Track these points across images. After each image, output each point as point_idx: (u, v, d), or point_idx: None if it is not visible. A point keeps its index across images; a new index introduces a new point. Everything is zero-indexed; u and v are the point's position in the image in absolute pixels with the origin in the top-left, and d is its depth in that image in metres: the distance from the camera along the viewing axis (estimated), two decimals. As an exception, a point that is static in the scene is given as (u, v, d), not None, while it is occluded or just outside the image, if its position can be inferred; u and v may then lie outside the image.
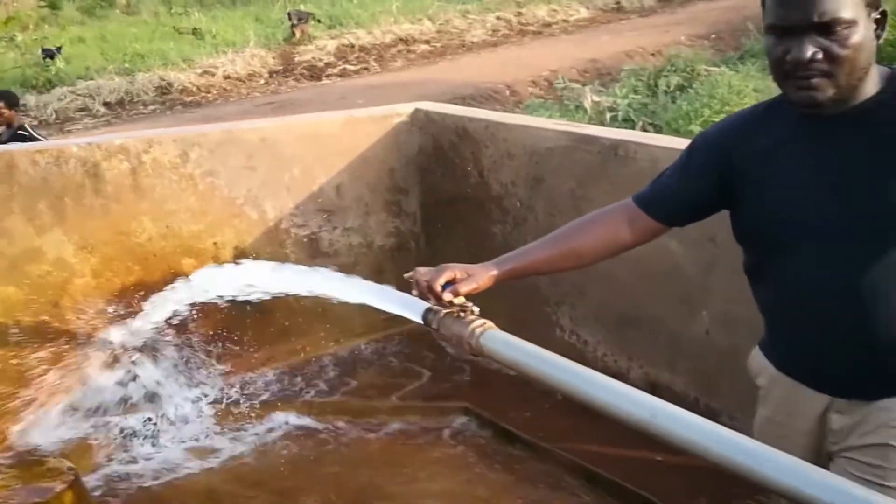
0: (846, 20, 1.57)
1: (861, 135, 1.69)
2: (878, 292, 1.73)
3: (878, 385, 1.80)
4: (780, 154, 1.79)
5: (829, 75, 1.61)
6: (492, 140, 3.87)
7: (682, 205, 1.98)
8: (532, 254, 2.07)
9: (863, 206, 1.70)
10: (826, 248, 1.76)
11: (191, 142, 3.74)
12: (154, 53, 14.10)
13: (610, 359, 3.62)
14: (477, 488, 3.11)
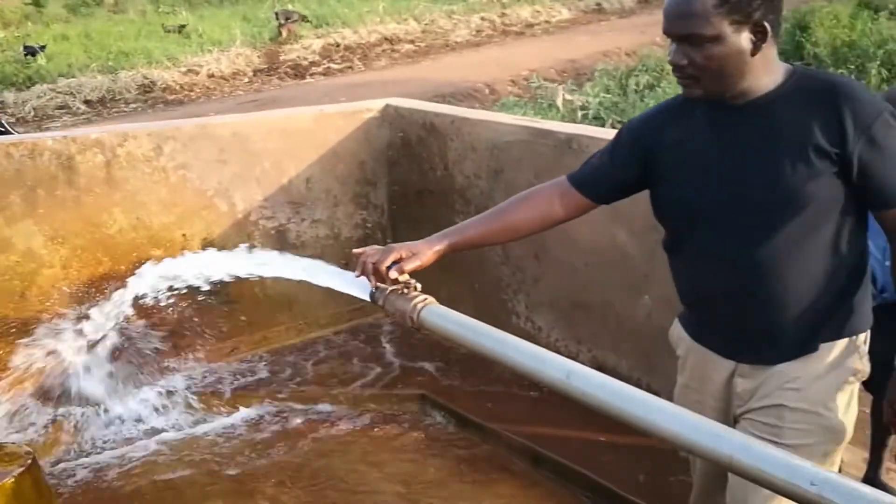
0: (707, 36, 1.78)
1: (758, 125, 1.86)
2: (771, 266, 1.89)
3: (775, 351, 1.96)
4: (690, 141, 1.96)
5: (695, 78, 1.85)
6: (457, 134, 3.97)
7: (608, 185, 2.14)
8: (471, 228, 2.19)
9: (756, 189, 1.87)
10: (725, 226, 1.92)
11: (165, 136, 3.80)
12: (139, 52, 14.04)
13: (561, 343, 3.74)
14: (429, 471, 3.22)
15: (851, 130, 1.80)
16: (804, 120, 1.83)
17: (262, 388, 3.80)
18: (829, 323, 1.93)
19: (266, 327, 4.15)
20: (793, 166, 1.83)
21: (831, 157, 1.82)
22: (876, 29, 9.29)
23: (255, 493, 3.11)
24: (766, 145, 1.87)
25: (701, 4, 1.78)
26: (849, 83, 1.90)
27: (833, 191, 1.85)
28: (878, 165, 1.82)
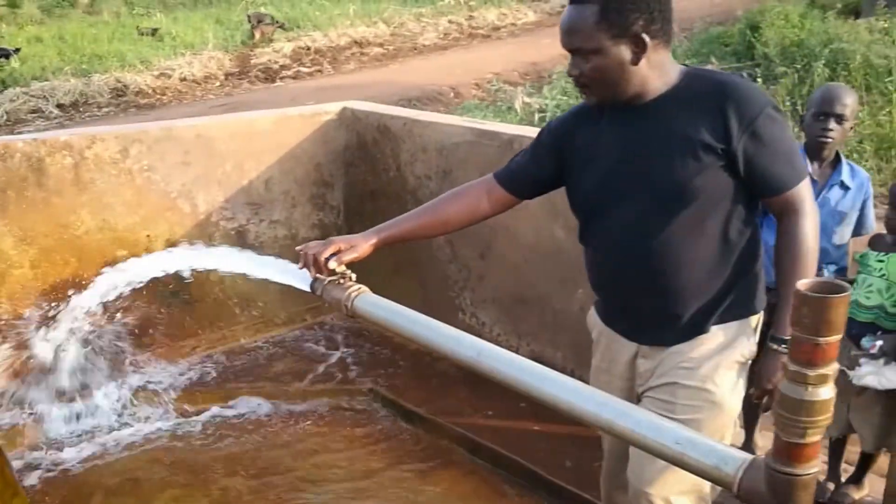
0: (588, 49, 1.97)
1: (652, 124, 2.03)
2: (664, 253, 2.05)
3: (671, 333, 2.12)
4: (597, 140, 2.12)
5: (587, 87, 2.05)
6: (409, 136, 4.15)
7: (529, 182, 2.31)
8: (405, 223, 2.34)
9: (650, 182, 2.02)
10: (624, 217, 2.08)
11: (132, 138, 3.92)
12: (112, 55, 14.01)
13: (503, 338, 3.92)
14: (375, 461, 3.42)
15: (735, 127, 1.94)
16: (693, 118, 1.98)
17: (219, 385, 3.96)
18: (720, 307, 2.07)
19: (225, 326, 4.31)
20: (683, 161, 1.98)
21: (718, 152, 1.96)
22: (823, 28, 9.53)
23: (209, 482, 3.28)
24: (659, 142, 2.01)
25: (583, 22, 1.95)
26: (734, 82, 2.04)
27: (722, 183, 1.99)
28: (762, 157, 1.97)
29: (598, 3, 1.94)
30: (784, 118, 2.04)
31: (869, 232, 2.96)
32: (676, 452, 1.49)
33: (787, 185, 2.00)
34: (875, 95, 7.82)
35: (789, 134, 2.04)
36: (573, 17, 1.99)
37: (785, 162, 1.99)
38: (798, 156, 2.05)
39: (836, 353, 1.31)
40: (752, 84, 2.11)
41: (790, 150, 2.02)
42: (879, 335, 2.72)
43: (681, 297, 2.07)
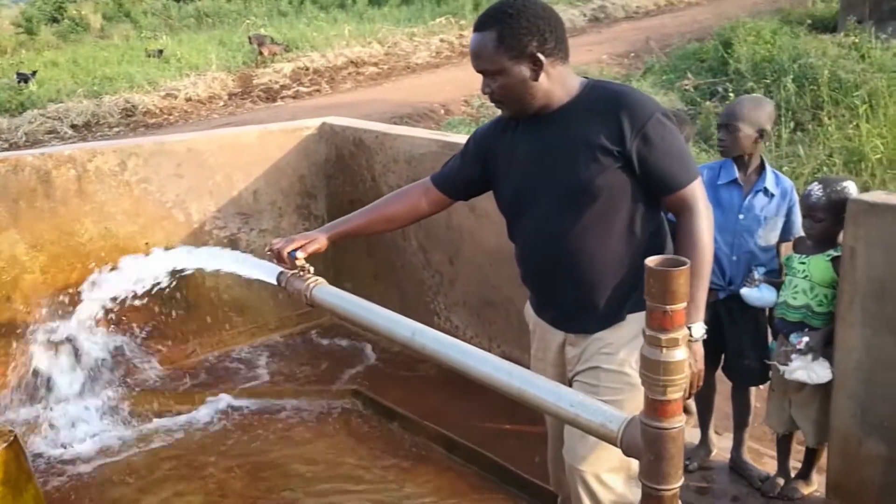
0: (493, 71, 2.19)
1: (557, 130, 2.23)
2: (575, 248, 2.24)
3: (592, 321, 2.31)
4: (515, 147, 2.33)
5: (499, 102, 2.28)
6: (381, 148, 4.38)
7: (459, 184, 2.55)
8: (355, 220, 2.59)
9: (557, 184, 2.23)
10: (537, 216, 2.29)
11: (128, 152, 4.15)
12: (121, 76, 14.27)
13: (475, 340, 4.09)
14: (357, 458, 3.62)
15: (628, 131, 2.13)
16: (593, 125, 2.17)
17: (216, 386, 4.17)
18: (633, 296, 2.23)
19: (221, 331, 4.52)
20: (585, 163, 2.17)
21: (615, 154, 2.15)
22: (792, 44, 9.66)
23: (206, 477, 3.48)
24: (563, 147, 2.21)
25: (485, 47, 2.17)
26: (628, 92, 2.23)
27: (622, 182, 2.18)
28: (653, 158, 2.15)
29: (496, 30, 2.15)
30: (674, 124, 2.22)
31: (796, 235, 3.06)
32: (572, 413, 1.70)
33: (679, 184, 2.18)
34: (842, 109, 7.95)
35: (680, 138, 2.22)
36: (477, 43, 2.21)
37: (676, 163, 2.18)
38: (690, 158, 2.23)
39: (682, 320, 1.51)
40: (644, 94, 2.28)
41: (680, 152, 2.20)
42: (806, 332, 2.87)
43: (595, 289, 2.26)
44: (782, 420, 3.06)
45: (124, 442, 3.76)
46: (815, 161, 7.22)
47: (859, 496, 2.85)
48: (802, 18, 12.88)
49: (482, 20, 2.21)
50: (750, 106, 3.03)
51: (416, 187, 2.62)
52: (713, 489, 3.14)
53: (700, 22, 16.10)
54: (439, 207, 2.63)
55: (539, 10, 2.19)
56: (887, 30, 10.52)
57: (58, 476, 3.52)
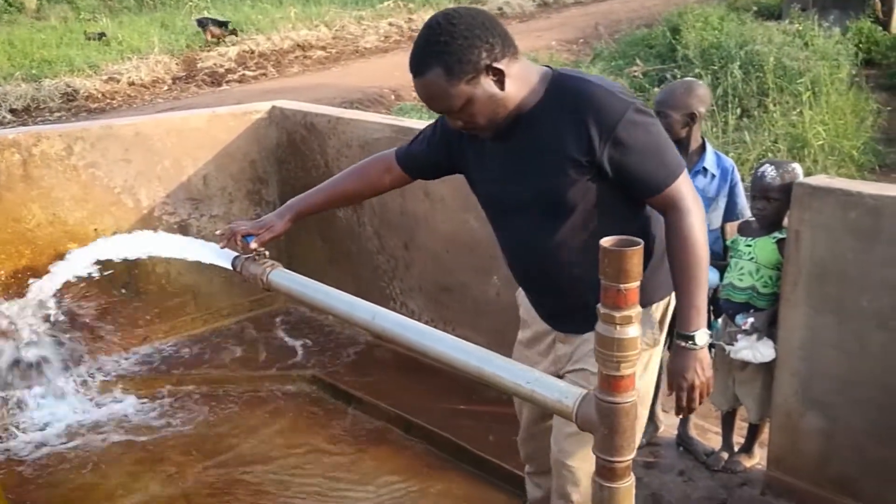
0: (458, 106, 1.99)
1: (525, 139, 2.07)
2: (554, 258, 2.14)
3: (580, 324, 2.17)
4: (482, 156, 2.20)
5: (476, 128, 2.08)
6: (334, 133, 4.37)
7: (424, 165, 2.43)
8: (312, 197, 2.52)
9: (529, 197, 2.10)
10: (515, 228, 2.20)
11: (74, 136, 4.09)
12: (61, 59, 13.98)
13: (431, 325, 3.85)
14: (317, 441, 3.65)
15: (597, 138, 1.95)
16: (558, 132, 2.00)
17: (170, 372, 4.16)
18: None
19: (174, 317, 4.50)
20: (556, 177, 2.02)
21: (585, 164, 1.99)
22: (739, 31, 9.77)
23: (164, 461, 3.50)
24: (532, 160, 2.06)
25: (438, 88, 1.96)
26: (590, 90, 2.01)
27: (597, 191, 2.03)
28: (630, 163, 1.97)
29: (439, 66, 1.94)
30: (651, 118, 2.03)
31: (742, 216, 3.18)
32: (528, 390, 1.74)
33: (663, 185, 2.01)
34: (787, 96, 8.11)
35: (656, 133, 2.03)
36: (426, 88, 2.00)
37: (656, 163, 2.00)
38: (671, 153, 2.04)
39: (636, 298, 1.55)
40: (611, 90, 2.04)
41: (659, 149, 2.01)
42: (752, 313, 2.96)
43: (579, 294, 2.08)
44: (726, 397, 3.17)
45: (77, 429, 3.75)
46: (760, 147, 7.38)
47: (799, 468, 2.96)
48: (748, 5, 13.08)
49: (418, 63, 1.99)
50: (680, 91, 3.09)
51: (377, 163, 2.52)
52: (661, 464, 3.24)
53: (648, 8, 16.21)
54: (401, 184, 2.55)
55: (467, 21, 1.96)
56: (829, 18, 10.76)
57: (11, 464, 3.50)
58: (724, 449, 3.25)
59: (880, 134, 8.47)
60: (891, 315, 2.63)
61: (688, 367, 2.04)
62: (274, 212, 2.53)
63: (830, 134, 7.56)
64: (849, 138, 7.68)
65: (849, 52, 9.47)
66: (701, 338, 2.03)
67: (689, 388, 2.05)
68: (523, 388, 1.76)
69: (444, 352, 1.92)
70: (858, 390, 2.75)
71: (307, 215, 2.56)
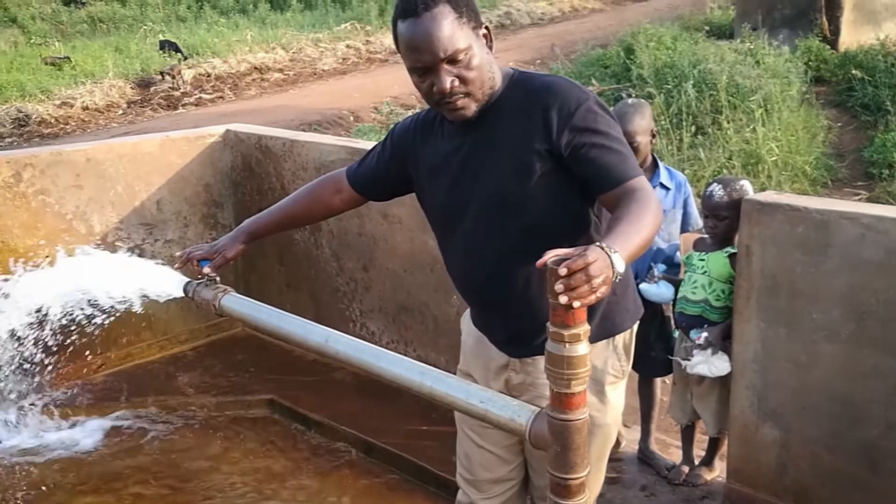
0: (463, 48, 1.86)
1: (485, 134, 1.99)
2: (508, 265, 2.02)
3: (534, 347, 1.98)
4: (437, 154, 2.10)
5: (468, 95, 1.92)
6: (289, 155, 4.36)
7: (376, 184, 2.33)
8: (263, 219, 2.47)
9: (485, 196, 2.00)
10: (467, 229, 2.06)
11: (23, 163, 4.03)
12: (12, 84, 13.72)
13: (392, 346, 4.11)
14: (277, 465, 3.62)
15: (555, 125, 1.87)
16: (520, 125, 1.93)
17: (127, 399, 4.09)
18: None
19: (130, 344, 4.43)
20: (513, 173, 1.94)
21: (545, 156, 1.90)
22: (692, 50, 9.89)
23: (120, 490, 3.44)
24: (492, 156, 1.97)
25: (446, 24, 1.84)
26: (554, 83, 1.96)
27: (556, 187, 1.93)
28: (589, 150, 1.86)
29: (447, 2, 1.86)
30: (611, 116, 1.96)
31: (695, 227, 3.24)
32: (482, 409, 1.73)
33: (624, 178, 1.86)
34: (740, 114, 8.23)
35: (617, 131, 1.94)
36: (427, 28, 1.86)
37: (617, 157, 1.88)
38: (631, 154, 1.94)
39: (584, 316, 1.55)
40: (573, 83, 2.00)
41: (620, 142, 1.91)
42: (706, 328, 2.99)
43: (533, 314, 1.96)
44: (685, 411, 3.21)
45: (32, 457, 3.68)
46: (715, 164, 7.48)
47: (757, 478, 3.00)
48: (700, 25, 13.24)
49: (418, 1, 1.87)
50: (637, 118, 3.09)
51: (327, 184, 2.43)
52: (623, 479, 3.25)
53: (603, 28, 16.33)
54: (354, 205, 2.44)
55: None
56: (779, 37, 10.94)
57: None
58: (684, 463, 3.27)
59: (831, 149, 8.64)
60: (840, 326, 2.68)
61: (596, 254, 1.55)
62: (227, 235, 2.48)
63: (783, 150, 7.69)
64: (801, 154, 7.82)
65: (799, 69, 9.63)
66: (619, 262, 1.60)
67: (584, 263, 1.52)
68: (477, 407, 1.76)
69: (398, 373, 1.91)
70: (811, 401, 2.80)
71: (260, 237, 2.51)
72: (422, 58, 1.89)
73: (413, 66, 1.93)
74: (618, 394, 2.19)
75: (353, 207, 2.48)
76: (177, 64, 14.45)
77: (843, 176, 8.14)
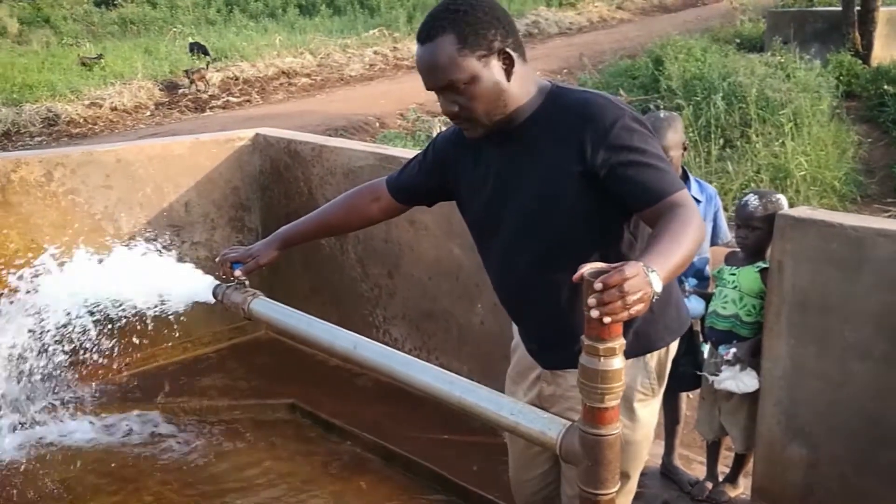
0: (461, 79, 1.87)
1: (522, 151, 1.98)
2: (541, 284, 2.03)
3: (566, 357, 1.95)
4: (476, 168, 2.11)
5: (469, 120, 1.96)
6: (318, 160, 4.36)
7: (416, 192, 2.34)
8: (299, 226, 2.48)
9: (520, 212, 2.00)
10: (503, 248, 2.09)
11: (55, 162, 4.05)
12: (43, 84, 13.86)
13: (415, 353, 4.08)
14: (297, 470, 3.61)
15: (590, 145, 1.85)
16: (556, 145, 1.91)
17: (149, 400, 4.10)
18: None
19: (154, 345, 4.41)
20: (548, 191, 1.93)
21: (579, 176, 1.88)
22: (722, 62, 9.84)
23: (141, 489, 3.45)
24: (528, 173, 1.97)
25: (445, 54, 1.85)
26: (586, 98, 1.95)
27: (591, 206, 1.91)
28: (626, 169, 1.84)
29: (453, 32, 1.86)
30: (648, 131, 1.93)
31: (725, 240, 3.24)
32: (512, 421, 1.73)
33: (665, 193, 1.82)
34: (769, 127, 8.19)
35: (654, 146, 1.90)
36: (431, 55, 1.89)
37: (655, 170, 1.85)
38: (671, 168, 1.91)
39: (619, 330, 1.54)
40: (609, 99, 1.97)
41: (658, 158, 1.88)
42: (734, 343, 2.97)
43: (561, 327, 1.99)
44: (712, 427, 3.17)
45: (54, 456, 3.68)
46: (743, 177, 7.45)
47: (783, 497, 2.96)
48: (731, 38, 13.22)
49: (430, 27, 1.90)
50: (670, 131, 3.08)
51: (364, 193, 2.44)
52: (645, 494, 3.21)
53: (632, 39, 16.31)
54: (392, 214, 2.46)
55: (491, 2, 1.92)
56: (810, 50, 10.87)
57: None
58: (708, 478, 3.24)
59: (861, 165, 8.57)
60: (873, 345, 2.64)
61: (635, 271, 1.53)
62: (262, 241, 2.49)
63: (812, 165, 7.63)
64: (830, 169, 7.76)
65: (830, 84, 9.56)
66: (656, 282, 1.57)
67: (621, 279, 1.51)
68: (507, 418, 1.75)
69: (427, 382, 1.91)
70: (841, 420, 2.76)
71: (295, 244, 2.52)
72: (426, 82, 1.96)
73: (425, 85, 1.99)
74: (648, 411, 2.17)
75: (389, 217, 2.48)
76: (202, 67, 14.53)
77: (872, 192, 8.07)
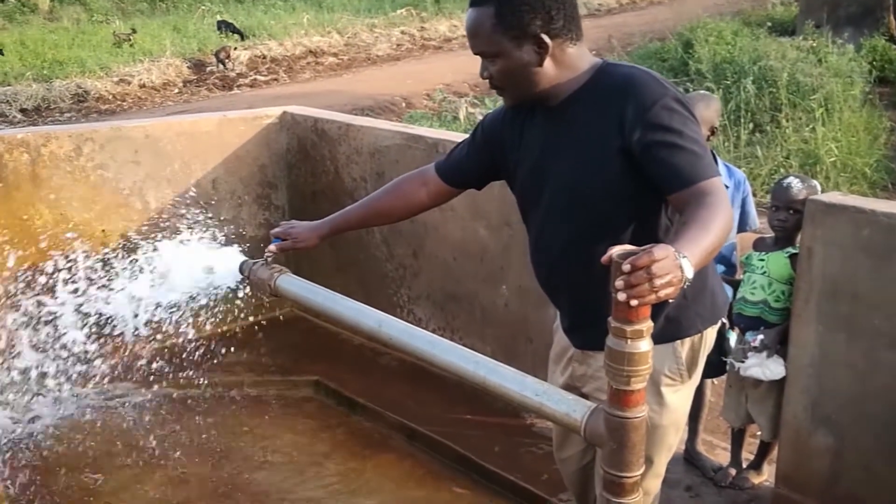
0: (490, 53, 1.97)
1: (563, 125, 2.00)
2: (575, 258, 2.02)
3: (598, 338, 1.77)
4: (521, 139, 2.12)
5: (499, 88, 2.05)
6: (344, 139, 4.36)
7: (467, 172, 2.34)
8: (348, 214, 2.46)
9: (557, 186, 2.02)
10: (541, 219, 2.10)
11: (84, 137, 4.08)
12: (73, 61, 14.00)
13: (438, 333, 3.92)
14: (319, 446, 3.64)
15: (630, 119, 1.85)
16: (598, 118, 1.92)
17: (174, 375, 4.10)
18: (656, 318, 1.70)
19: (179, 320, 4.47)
20: (586, 166, 1.94)
21: (619, 152, 1.88)
22: (752, 46, 9.72)
23: (165, 461, 3.48)
24: (568, 146, 1.99)
25: (482, 26, 1.93)
26: (634, 76, 1.94)
27: (627, 183, 1.91)
28: (657, 151, 1.83)
29: (493, 6, 1.92)
30: (690, 113, 1.90)
31: (753, 227, 3.21)
32: (536, 402, 1.72)
33: (697, 178, 1.80)
34: (800, 112, 8.09)
35: (694, 128, 1.87)
36: (472, 20, 1.97)
37: (689, 154, 1.82)
38: (707, 154, 1.88)
39: (647, 313, 1.52)
40: (654, 76, 1.96)
41: (694, 141, 1.84)
42: (762, 330, 2.95)
43: (591, 307, 1.94)
44: (739, 414, 3.16)
45: (77, 429, 3.72)
46: (772, 162, 7.36)
47: (807, 486, 2.94)
48: (762, 21, 13.05)
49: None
50: (702, 107, 3.05)
51: (414, 178, 2.43)
52: (668, 479, 3.16)
53: (661, 21, 16.15)
54: (442, 199, 2.45)
55: None
56: (843, 35, 10.73)
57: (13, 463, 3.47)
58: (732, 465, 3.23)
59: (893, 152, 8.43)
60: (903, 334, 2.60)
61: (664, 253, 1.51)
62: (310, 224, 2.46)
63: (843, 151, 7.53)
64: (861, 156, 7.65)
65: (862, 69, 9.43)
66: (688, 268, 1.55)
67: (649, 261, 1.48)
68: (532, 399, 1.74)
69: (452, 362, 1.90)
70: (868, 409, 2.73)
71: (342, 231, 2.50)
72: (470, 45, 2.03)
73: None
74: (678, 396, 2.15)
75: (438, 203, 2.47)
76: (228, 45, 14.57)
77: (903, 179, 7.96)
